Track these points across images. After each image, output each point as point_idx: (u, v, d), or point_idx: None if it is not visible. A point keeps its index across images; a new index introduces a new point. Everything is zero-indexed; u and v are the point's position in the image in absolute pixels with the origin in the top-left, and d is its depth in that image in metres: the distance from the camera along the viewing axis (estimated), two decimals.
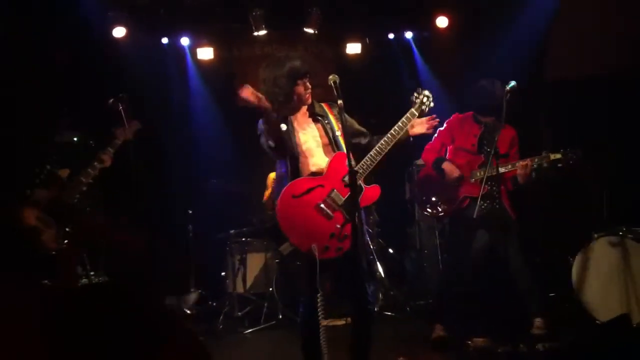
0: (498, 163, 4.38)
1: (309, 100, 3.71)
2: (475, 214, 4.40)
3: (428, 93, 3.88)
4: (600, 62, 6.25)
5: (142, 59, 6.74)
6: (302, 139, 3.66)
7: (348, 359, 3.64)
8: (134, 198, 5.01)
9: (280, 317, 5.69)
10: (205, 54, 7.17)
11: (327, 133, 3.70)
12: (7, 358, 1.93)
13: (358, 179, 3.51)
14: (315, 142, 3.68)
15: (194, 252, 6.30)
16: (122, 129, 4.50)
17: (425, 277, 6.37)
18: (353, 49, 7.36)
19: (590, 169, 5.48)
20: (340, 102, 3.46)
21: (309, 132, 3.70)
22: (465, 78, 5.63)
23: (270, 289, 5.85)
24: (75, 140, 4.93)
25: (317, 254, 3.38)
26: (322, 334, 3.38)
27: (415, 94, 3.87)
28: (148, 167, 4.61)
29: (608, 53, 6.20)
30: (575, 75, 6.38)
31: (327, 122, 3.73)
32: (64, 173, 4.43)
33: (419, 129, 3.86)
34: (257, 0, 6.90)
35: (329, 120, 3.73)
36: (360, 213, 3.51)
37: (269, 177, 6.10)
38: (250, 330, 5.61)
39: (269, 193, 6.09)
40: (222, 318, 5.80)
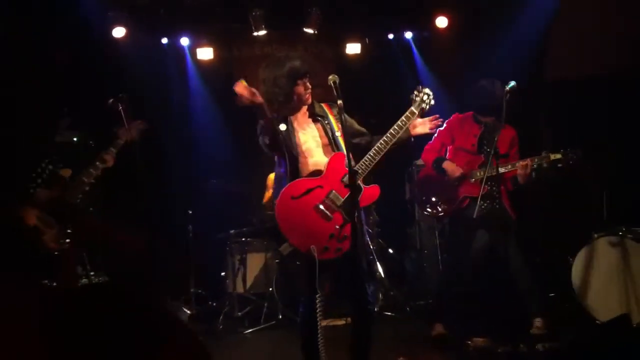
0: (498, 163, 4.39)
1: (309, 101, 3.71)
2: (475, 214, 4.41)
3: (428, 91, 3.83)
4: (600, 62, 6.25)
5: (142, 59, 6.74)
6: (302, 139, 3.66)
7: (348, 359, 3.64)
8: (135, 198, 5.01)
9: (280, 317, 5.69)
10: (205, 54, 7.16)
11: (327, 133, 3.69)
12: (7, 358, 1.93)
13: (357, 179, 3.50)
14: (315, 142, 3.68)
15: (194, 252, 6.29)
16: (124, 129, 4.49)
17: (425, 277, 6.37)
18: (353, 49, 7.36)
19: (590, 169, 5.48)
20: (340, 102, 3.46)
21: (309, 132, 3.70)
22: (465, 78, 5.63)
23: (270, 289, 5.85)
24: (75, 140, 4.93)
25: (316, 255, 3.38)
26: (319, 335, 3.38)
27: (416, 92, 3.83)
28: (148, 167, 4.60)
29: (608, 53, 6.20)
30: (575, 75, 6.37)
31: (327, 122, 3.72)
32: (67, 173, 4.42)
33: (421, 129, 3.85)
34: (257, 0, 6.90)
35: (329, 121, 3.72)
36: (360, 213, 3.51)
37: (269, 177, 6.09)
38: (250, 330, 5.61)
39: (270, 194, 6.08)
40: (222, 318, 5.79)
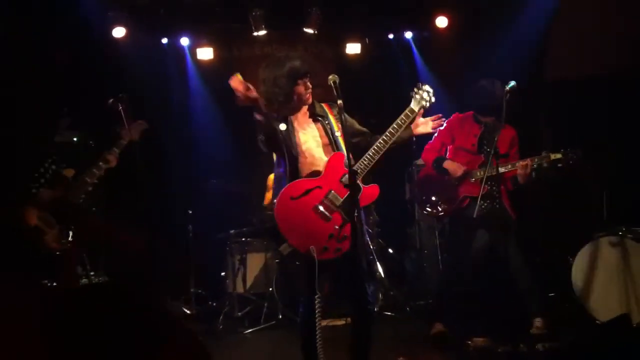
0: (498, 163, 4.39)
1: (309, 100, 3.70)
2: (475, 214, 4.41)
3: (428, 88, 3.81)
4: (600, 62, 6.25)
5: (142, 59, 6.74)
6: (302, 139, 3.65)
7: (348, 359, 3.64)
8: (135, 198, 5.01)
9: (280, 317, 5.69)
10: (205, 54, 7.16)
11: (327, 133, 3.68)
12: (7, 358, 1.93)
13: (357, 179, 3.49)
14: (315, 142, 3.67)
15: (194, 252, 6.30)
16: (127, 129, 4.49)
17: (425, 277, 6.36)
18: (353, 49, 7.36)
19: (590, 169, 5.49)
20: (340, 102, 3.45)
21: (309, 132, 3.69)
22: (465, 78, 5.63)
23: (270, 289, 5.85)
24: (75, 140, 4.92)
25: (315, 255, 3.38)
26: (318, 335, 3.38)
27: (415, 89, 3.81)
28: (148, 167, 4.60)
29: (608, 53, 6.20)
30: (575, 75, 6.37)
31: (327, 122, 3.71)
32: (70, 173, 4.42)
33: (423, 129, 3.85)
34: (257, 0, 6.90)
35: (329, 121, 3.71)
36: (360, 213, 3.50)
37: (269, 178, 6.08)
38: (250, 330, 5.61)
39: (270, 195, 6.07)
40: (222, 318, 5.79)
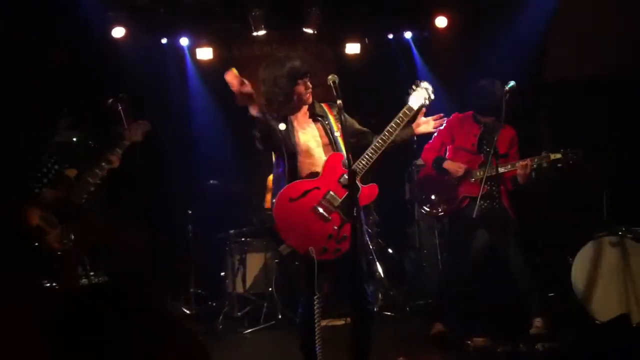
0: (498, 163, 4.39)
1: (310, 100, 3.69)
2: (475, 214, 4.41)
3: (426, 85, 3.80)
4: (600, 62, 6.25)
5: (142, 59, 6.74)
6: (302, 139, 3.65)
7: (348, 359, 3.64)
8: (135, 198, 5.01)
9: (280, 317, 5.69)
10: (205, 54, 7.16)
11: (327, 133, 3.68)
12: (7, 358, 1.93)
13: (355, 179, 3.49)
14: (316, 142, 3.67)
15: (194, 252, 6.30)
16: (130, 129, 4.48)
17: (425, 277, 6.36)
18: (352, 49, 7.36)
19: (590, 169, 5.49)
20: (340, 102, 3.45)
21: (309, 132, 3.69)
22: (465, 78, 5.63)
23: (270, 289, 5.85)
24: (75, 140, 4.92)
25: (314, 256, 3.38)
26: (317, 336, 3.38)
27: (413, 87, 3.80)
28: (148, 167, 4.60)
29: (608, 53, 6.20)
30: (575, 75, 6.37)
31: (327, 122, 3.71)
32: (72, 173, 4.42)
33: (425, 128, 3.84)
34: (256, 1, 6.90)
35: (329, 121, 3.71)
36: (360, 213, 3.50)
37: (269, 179, 6.07)
38: (250, 330, 5.61)
39: (270, 197, 6.05)
40: (221, 318, 5.79)
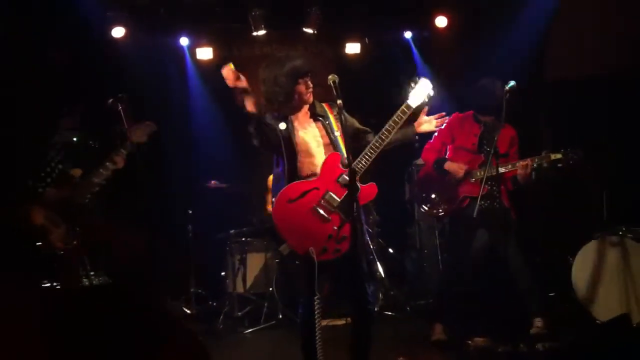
0: (498, 163, 4.38)
1: (310, 100, 3.69)
2: (475, 214, 4.40)
3: (425, 81, 3.76)
4: (600, 62, 6.25)
5: (142, 59, 6.73)
6: (302, 139, 3.64)
7: (348, 359, 3.64)
8: (135, 198, 5.00)
9: (280, 317, 5.69)
10: (205, 54, 7.16)
11: (328, 133, 3.68)
12: (7, 358, 1.93)
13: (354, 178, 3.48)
14: (316, 141, 3.67)
15: (194, 252, 6.30)
16: (136, 130, 4.48)
17: (426, 277, 6.37)
18: (353, 49, 7.36)
19: (590, 169, 5.48)
20: (340, 101, 3.44)
21: (310, 131, 3.69)
22: (465, 78, 5.62)
23: (270, 289, 5.85)
24: (75, 140, 4.91)
25: (315, 257, 3.38)
26: (318, 336, 3.38)
27: (412, 84, 3.77)
28: (148, 167, 4.60)
29: (608, 53, 6.20)
30: (575, 75, 6.37)
31: (327, 122, 3.70)
32: (77, 173, 4.42)
33: (427, 127, 3.84)
34: (256, 0, 6.90)
35: (330, 121, 3.71)
36: (360, 213, 3.50)
37: (269, 180, 6.06)
38: (250, 330, 5.61)
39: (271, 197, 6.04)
40: (222, 318, 5.80)
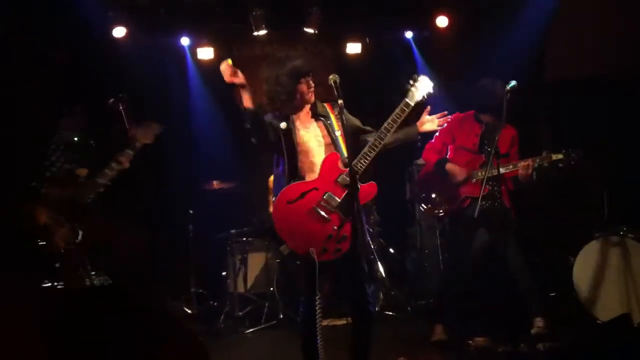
0: (499, 163, 4.38)
1: (312, 99, 3.69)
2: (476, 214, 4.39)
3: (424, 79, 3.74)
4: (600, 62, 6.25)
5: (142, 59, 6.73)
6: (303, 138, 3.64)
7: (348, 359, 3.64)
8: (135, 198, 5.01)
9: (281, 316, 5.70)
10: (206, 54, 7.16)
11: (329, 133, 3.68)
12: (7, 358, 1.93)
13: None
14: (317, 141, 3.67)
15: (194, 252, 6.30)
16: (143, 131, 4.48)
17: (426, 276, 6.36)
18: (353, 49, 7.36)
19: (591, 169, 5.48)
20: (341, 101, 3.44)
21: (312, 131, 3.69)
22: (465, 78, 5.62)
23: (271, 289, 5.85)
24: (76, 140, 4.92)
25: (315, 257, 3.37)
26: (319, 336, 3.38)
27: (411, 81, 3.75)
28: (148, 167, 4.60)
29: (608, 53, 6.20)
30: (575, 75, 6.37)
31: (329, 122, 3.70)
32: (83, 172, 4.42)
33: (430, 126, 3.83)
34: (257, 0, 6.90)
35: (331, 120, 3.71)
36: (361, 212, 3.50)
37: (270, 180, 6.05)
38: (251, 330, 5.62)
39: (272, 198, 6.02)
40: (223, 318, 5.80)
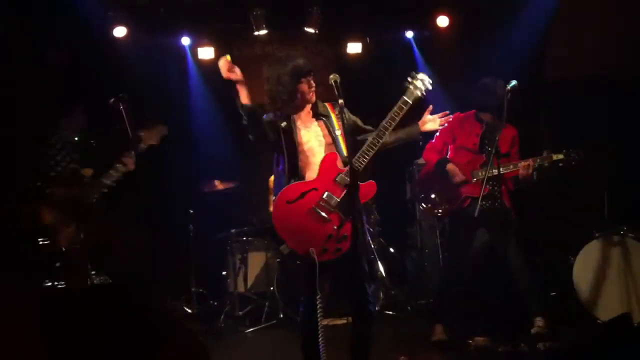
0: (499, 163, 4.38)
1: (313, 99, 3.69)
2: (477, 214, 4.39)
3: (423, 76, 3.73)
4: (600, 62, 6.25)
5: (142, 59, 6.73)
6: (304, 138, 3.65)
7: (348, 359, 3.64)
8: (135, 198, 5.01)
9: (281, 316, 5.70)
10: (206, 54, 7.15)
11: (330, 132, 3.68)
12: (7, 358, 1.93)
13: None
14: (318, 141, 3.67)
15: (195, 251, 6.30)
16: (149, 133, 4.47)
17: (426, 276, 6.36)
18: (353, 49, 7.35)
19: (591, 169, 5.48)
20: (341, 101, 3.45)
21: (313, 130, 3.69)
22: (465, 78, 5.63)
23: (271, 288, 5.85)
24: (77, 140, 4.93)
25: (315, 257, 3.37)
26: (320, 335, 3.38)
27: (409, 79, 3.74)
28: (148, 167, 4.61)
29: (608, 53, 6.20)
30: (575, 75, 6.37)
31: (330, 121, 3.70)
32: (88, 172, 4.43)
33: (431, 126, 3.83)
34: (257, 0, 6.90)
35: (332, 120, 3.71)
36: (361, 212, 3.50)
37: (270, 180, 6.05)
38: (251, 330, 5.62)
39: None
40: (223, 317, 5.80)
